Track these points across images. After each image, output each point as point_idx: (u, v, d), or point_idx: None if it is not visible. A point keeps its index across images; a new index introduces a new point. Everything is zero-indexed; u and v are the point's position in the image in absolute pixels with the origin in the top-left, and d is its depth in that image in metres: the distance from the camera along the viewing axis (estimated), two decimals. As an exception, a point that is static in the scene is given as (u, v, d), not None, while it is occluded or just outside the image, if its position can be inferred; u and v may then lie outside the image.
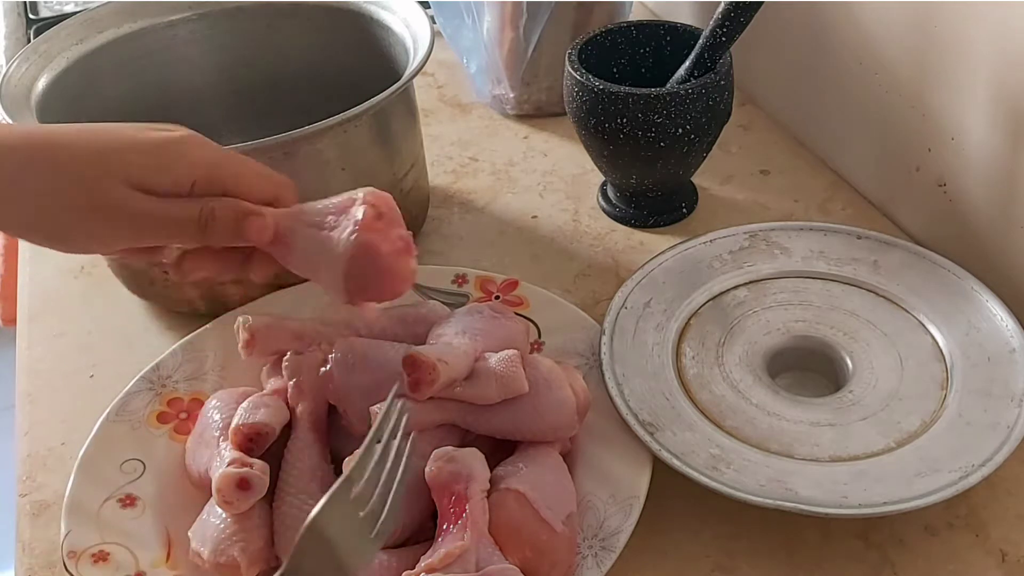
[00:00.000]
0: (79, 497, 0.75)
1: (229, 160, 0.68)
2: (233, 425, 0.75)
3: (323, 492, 0.72)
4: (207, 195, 0.66)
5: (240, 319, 0.81)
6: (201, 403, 0.81)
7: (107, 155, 0.64)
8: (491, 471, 0.72)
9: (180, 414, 0.82)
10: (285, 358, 0.80)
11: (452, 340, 0.77)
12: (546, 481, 0.71)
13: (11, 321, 0.97)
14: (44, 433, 0.86)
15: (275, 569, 0.71)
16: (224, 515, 0.71)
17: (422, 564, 0.65)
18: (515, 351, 0.74)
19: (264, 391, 0.79)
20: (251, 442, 0.74)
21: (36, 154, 0.64)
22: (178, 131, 0.67)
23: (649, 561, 0.73)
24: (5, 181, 0.64)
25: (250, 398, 0.77)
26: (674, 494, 0.75)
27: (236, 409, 0.77)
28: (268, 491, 0.73)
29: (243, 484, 0.70)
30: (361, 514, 0.61)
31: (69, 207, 0.64)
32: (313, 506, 0.70)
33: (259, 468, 0.71)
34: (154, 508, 0.75)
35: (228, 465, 0.71)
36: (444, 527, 0.67)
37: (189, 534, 0.72)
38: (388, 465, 0.62)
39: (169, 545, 0.72)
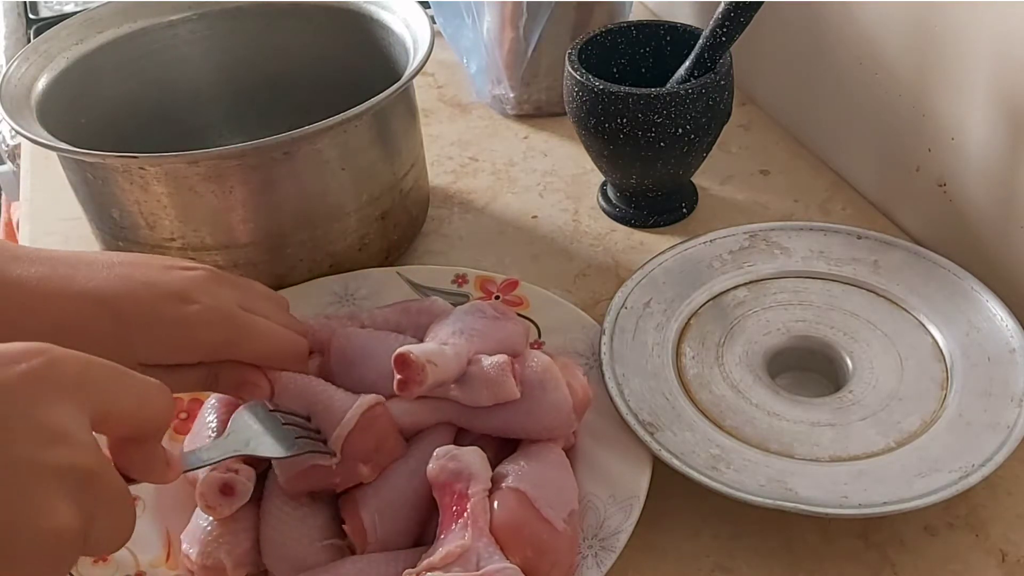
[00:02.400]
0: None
1: (241, 339, 0.70)
2: None
3: (314, 501, 0.72)
4: (218, 361, 0.70)
5: None
6: (201, 403, 0.81)
7: (123, 340, 0.66)
8: (494, 468, 0.72)
9: (180, 414, 0.82)
10: None
11: (448, 340, 0.77)
12: (547, 479, 0.71)
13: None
14: (44, 433, 0.85)
15: (262, 574, 0.71)
16: (211, 517, 0.71)
17: (423, 563, 0.65)
18: (506, 358, 0.74)
19: None
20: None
21: (55, 334, 0.62)
22: (197, 304, 0.68)
23: (649, 561, 0.73)
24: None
25: None
26: (674, 494, 0.75)
27: (232, 410, 0.77)
28: (257, 494, 0.73)
29: (226, 489, 0.70)
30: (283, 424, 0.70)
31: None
32: (301, 511, 0.71)
33: (244, 473, 0.71)
34: (154, 508, 0.75)
35: (213, 469, 0.71)
36: (445, 526, 0.67)
37: (182, 536, 0.72)
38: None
39: (169, 545, 0.73)
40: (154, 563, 0.72)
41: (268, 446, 0.68)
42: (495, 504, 0.68)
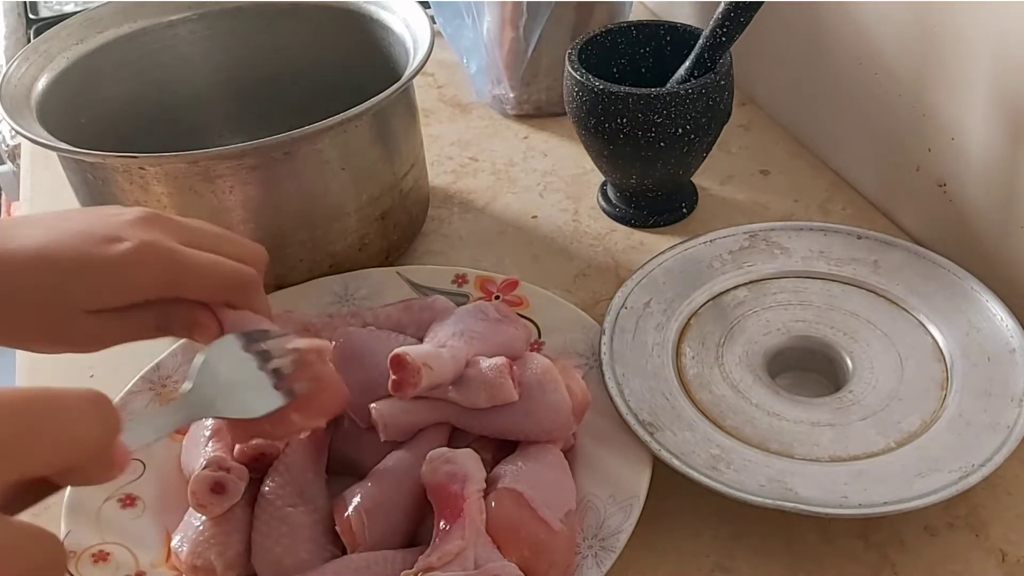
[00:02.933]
0: (79, 497, 0.75)
1: (176, 272, 0.67)
2: (238, 447, 0.75)
3: (307, 504, 0.72)
4: (161, 302, 0.68)
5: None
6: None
7: (61, 286, 0.65)
8: (493, 469, 0.72)
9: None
10: None
11: (447, 342, 0.77)
12: (544, 479, 0.71)
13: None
14: (44, 433, 0.85)
15: None
16: (204, 517, 0.71)
17: (420, 563, 0.65)
18: (504, 360, 0.74)
19: None
20: (256, 461, 0.74)
21: (8, 278, 0.65)
22: (127, 243, 0.66)
23: (649, 561, 0.73)
24: None
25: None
26: (674, 494, 0.75)
27: None
28: (251, 496, 0.73)
29: (217, 488, 0.70)
30: (268, 366, 0.65)
31: (31, 337, 0.68)
32: (294, 516, 0.71)
33: (236, 472, 0.71)
34: (154, 508, 0.75)
35: (204, 467, 0.71)
36: (441, 527, 0.67)
37: (172, 534, 0.72)
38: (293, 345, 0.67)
39: (169, 545, 0.72)
40: (154, 563, 0.72)
41: (238, 404, 0.64)
42: (492, 504, 0.69)
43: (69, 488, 0.75)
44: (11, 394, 0.48)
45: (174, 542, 0.71)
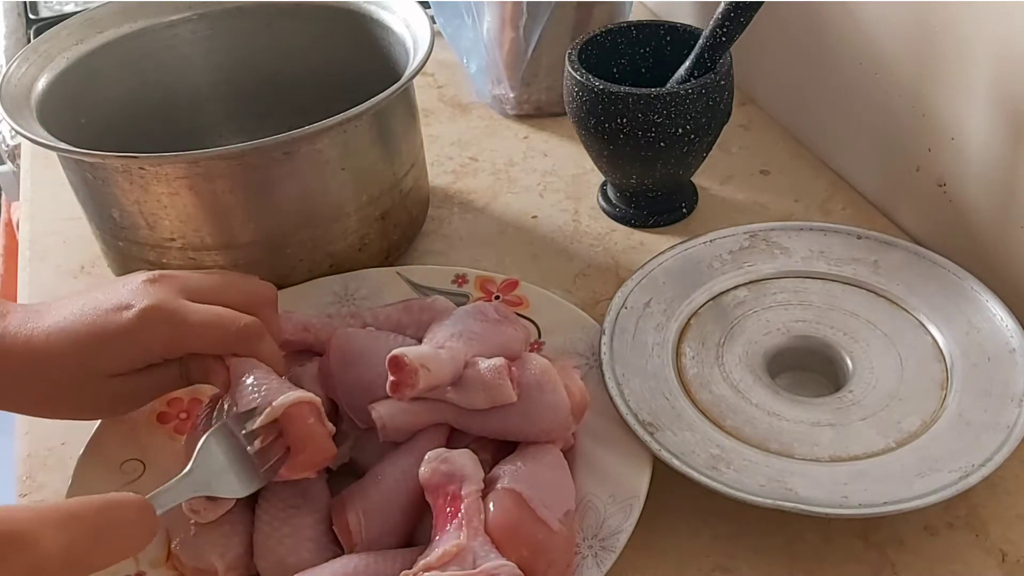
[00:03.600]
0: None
1: (181, 332, 0.72)
2: None
3: (308, 503, 0.72)
4: (176, 356, 0.73)
5: None
6: (201, 403, 0.81)
7: (82, 360, 0.71)
8: (492, 469, 0.72)
9: (180, 414, 0.82)
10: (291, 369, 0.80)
11: (445, 343, 0.77)
12: (543, 479, 0.71)
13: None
14: (44, 433, 0.86)
15: None
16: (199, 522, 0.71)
17: (419, 563, 0.65)
18: (503, 361, 0.74)
19: None
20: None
21: (26, 368, 0.71)
22: (134, 309, 0.71)
23: (649, 561, 0.73)
24: (9, 382, 0.72)
25: None
26: (674, 494, 0.75)
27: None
28: (252, 499, 0.73)
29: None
30: (250, 449, 0.69)
31: (67, 400, 0.74)
32: (296, 516, 0.71)
33: None
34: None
35: None
36: (440, 527, 0.67)
37: (173, 535, 0.72)
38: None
39: (169, 545, 0.72)
40: (154, 563, 0.72)
41: (228, 484, 0.68)
42: (490, 504, 0.68)
43: (69, 488, 0.76)
44: (79, 507, 0.56)
45: (175, 543, 0.71)
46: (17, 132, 0.85)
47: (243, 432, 0.69)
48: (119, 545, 0.57)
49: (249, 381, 0.71)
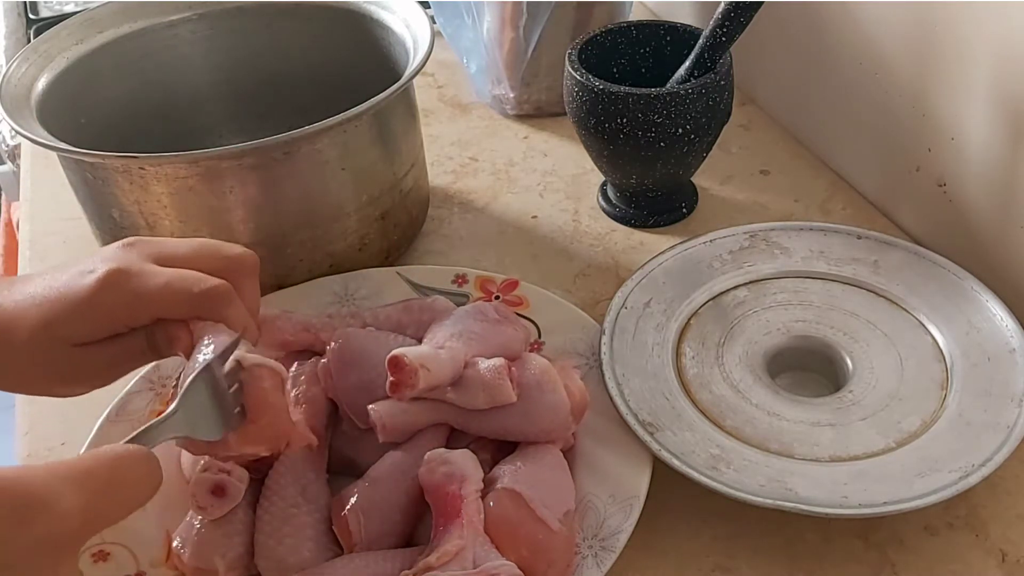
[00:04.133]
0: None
1: (141, 299, 0.69)
2: None
3: (309, 503, 0.72)
4: (141, 324, 0.70)
5: None
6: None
7: (46, 329, 0.68)
8: (492, 469, 0.72)
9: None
10: (292, 369, 0.80)
11: (445, 343, 0.77)
12: (543, 479, 0.71)
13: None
14: (44, 433, 0.86)
15: None
16: (206, 519, 0.71)
17: (419, 563, 0.65)
18: (503, 362, 0.74)
19: None
20: (257, 463, 0.74)
21: (1, 336, 0.68)
22: (93, 275, 0.68)
23: (649, 561, 0.73)
24: None
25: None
26: (674, 494, 0.75)
27: None
28: (252, 498, 0.73)
29: (218, 490, 0.70)
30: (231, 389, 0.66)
31: (34, 379, 0.71)
32: (297, 516, 0.71)
33: (236, 475, 0.71)
34: (154, 508, 0.74)
35: (205, 470, 0.71)
36: (439, 527, 0.67)
37: (173, 534, 0.72)
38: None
39: (169, 545, 0.72)
40: (154, 562, 0.72)
41: (208, 426, 0.65)
42: (490, 505, 0.69)
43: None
44: (93, 464, 0.56)
45: (175, 543, 0.71)
46: (17, 132, 0.85)
47: (229, 370, 0.66)
48: (130, 498, 0.57)
49: (206, 342, 0.67)
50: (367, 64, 1.01)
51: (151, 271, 0.69)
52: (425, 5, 1.05)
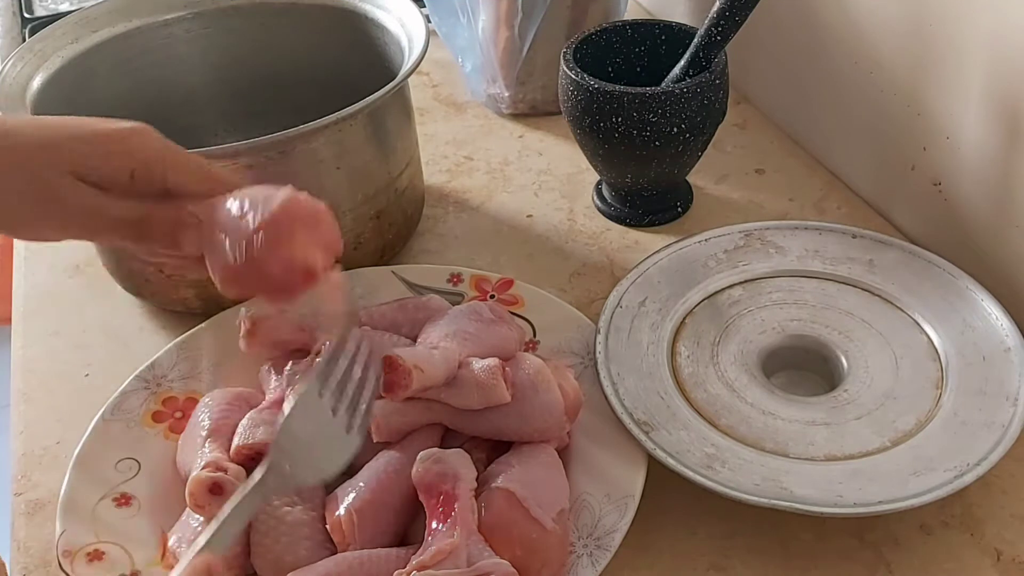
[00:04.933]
0: (74, 496, 0.75)
1: (168, 154, 0.68)
2: (234, 445, 0.75)
3: (304, 502, 0.72)
4: (147, 190, 0.67)
5: (243, 310, 0.81)
6: (196, 402, 0.81)
7: (52, 145, 0.65)
8: (486, 468, 0.72)
9: (175, 413, 0.82)
10: (287, 368, 0.80)
11: (439, 343, 0.77)
12: (537, 479, 0.71)
13: (6, 320, 0.97)
14: (39, 432, 0.86)
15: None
16: (202, 518, 0.71)
17: (413, 562, 0.65)
18: (497, 362, 0.74)
19: (263, 404, 0.79)
20: (252, 461, 0.74)
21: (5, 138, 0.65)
22: (129, 124, 0.67)
23: (644, 560, 0.73)
24: None
25: (249, 414, 0.77)
26: (669, 493, 0.75)
27: (225, 410, 0.78)
28: None
29: (215, 489, 0.70)
30: (335, 414, 0.64)
31: (15, 196, 0.65)
32: (293, 515, 0.71)
33: (233, 473, 0.71)
34: (149, 507, 0.75)
35: (202, 468, 0.71)
36: (433, 526, 0.67)
37: (169, 533, 0.72)
38: (358, 367, 0.66)
39: (164, 545, 0.72)
40: (149, 562, 0.72)
41: (312, 467, 0.64)
42: (484, 504, 0.69)
43: (64, 487, 0.75)
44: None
45: (171, 542, 0.71)
46: (12, 131, 0.85)
47: (330, 389, 0.64)
48: None
49: (240, 201, 0.64)
50: (362, 63, 1.01)
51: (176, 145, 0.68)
52: (420, 4, 1.05)
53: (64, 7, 1.56)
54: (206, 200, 0.66)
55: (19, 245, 1.08)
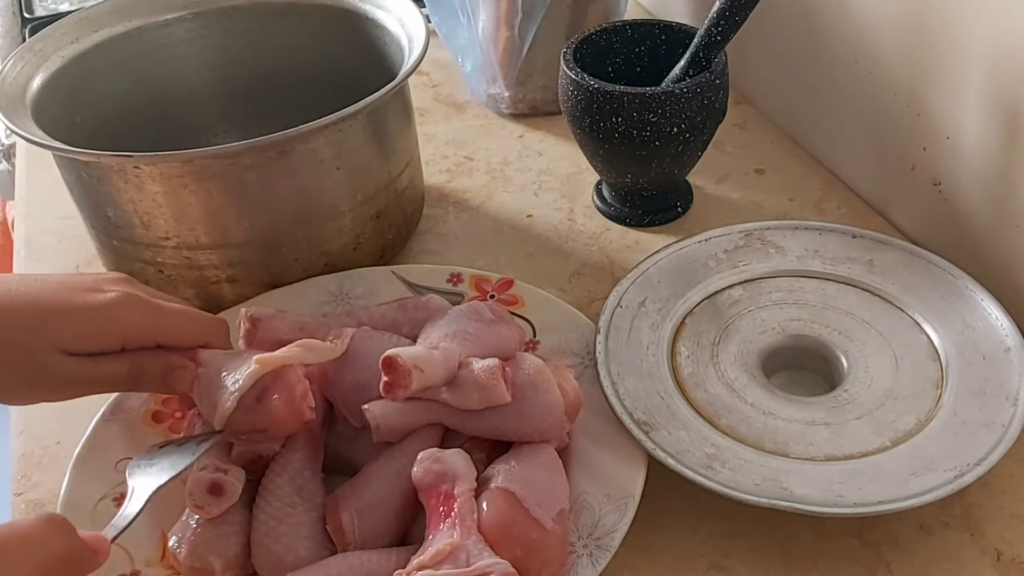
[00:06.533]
0: (74, 496, 0.75)
1: (157, 318, 0.72)
2: (235, 449, 0.75)
3: (305, 502, 0.72)
4: (137, 350, 0.72)
5: (243, 310, 0.81)
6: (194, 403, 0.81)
7: (39, 330, 0.69)
8: (486, 468, 0.72)
9: (175, 413, 0.82)
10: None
11: (439, 343, 0.77)
12: (536, 479, 0.71)
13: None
14: (39, 432, 0.86)
15: None
16: (202, 518, 0.71)
17: (413, 562, 0.65)
18: (497, 362, 0.74)
19: None
20: (253, 463, 0.74)
21: None
22: (111, 292, 0.71)
23: (644, 560, 0.73)
24: None
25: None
26: (669, 493, 0.75)
27: None
28: (249, 498, 0.73)
29: (215, 489, 0.71)
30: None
31: (4, 368, 0.70)
32: (293, 515, 0.71)
33: (233, 474, 0.71)
34: (149, 507, 0.75)
35: (202, 469, 0.71)
36: (433, 526, 0.67)
37: (168, 533, 0.72)
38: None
39: (164, 544, 0.72)
40: (149, 562, 0.72)
41: (172, 466, 0.71)
42: (484, 504, 0.69)
43: (64, 487, 0.76)
44: None
45: (171, 543, 0.71)
46: (12, 131, 0.85)
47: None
48: (32, 565, 0.58)
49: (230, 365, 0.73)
50: (362, 63, 1.01)
51: (160, 299, 0.74)
52: (420, 4, 1.05)
53: (64, 7, 1.56)
54: (196, 350, 0.74)
55: (19, 245, 1.08)
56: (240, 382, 0.70)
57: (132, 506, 0.68)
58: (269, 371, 0.70)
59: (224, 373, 0.72)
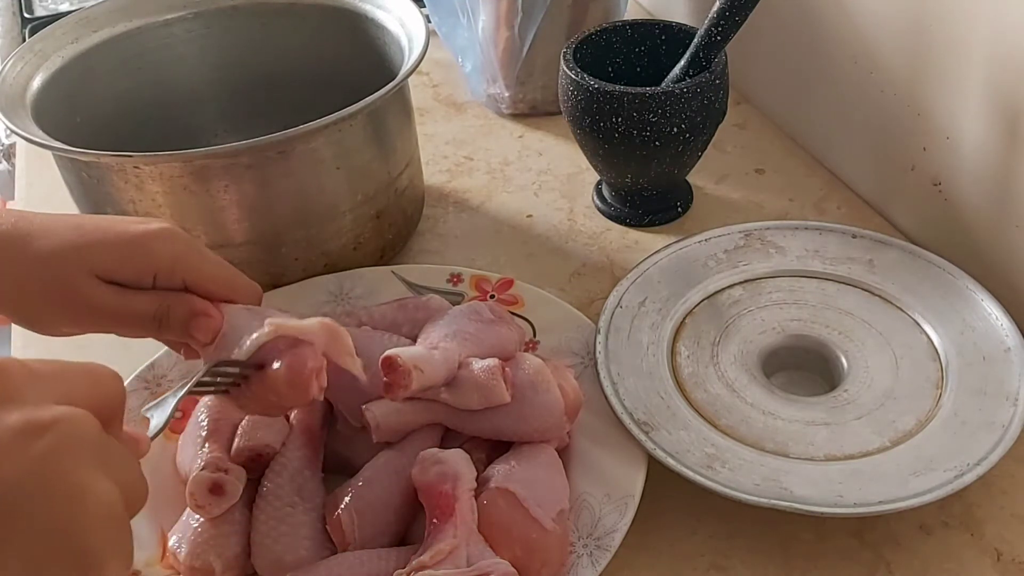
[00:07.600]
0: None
1: (192, 255, 0.71)
2: (235, 447, 0.75)
3: (305, 502, 0.72)
4: (168, 288, 0.70)
5: None
6: (196, 402, 0.81)
7: (75, 248, 0.68)
8: (486, 468, 0.72)
9: (175, 413, 0.82)
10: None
11: (439, 343, 0.77)
12: (536, 479, 0.71)
13: (5, 320, 0.97)
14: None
15: None
16: (202, 518, 0.71)
17: (413, 562, 0.65)
18: (497, 362, 0.74)
19: None
20: (253, 462, 0.74)
21: (15, 242, 0.68)
22: (155, 224, 0.70)
23: (644, 560, 0.73)
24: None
25: (249, 415, 0.77)
26: (669, 493, 0.75)
27: (225, 410, 0.77)
28: (249, 498, 0.73)
29: (216, 489, 0.71)
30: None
31: (38, 294, 0.69)
32: (293, 515, 0.71)
33: (234, 473, 0.71)
34: (149, 507, 0.73)
35: (203, 469, 0.71)
36: (433, 527, 0.67)
37: (169, 533, 0.72)
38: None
39: (164, 544, 0.72)
40: (149, 562, 0.72)
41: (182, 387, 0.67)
42: (484, 504, 0.69)
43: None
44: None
45: (171, 543, 0.71)
46: (12, 131, 0.85)
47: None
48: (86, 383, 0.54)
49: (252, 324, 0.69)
50: (362, 63, 1.01)
51: (203, 247, 0.72)
52: (420, 4, 1.05)
53: (64, 7, 1.56)
54: (222, 304, 0.71)
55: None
56: (248, 343, 0.68)
57: (158, 417, 0.65)
58: (284, 337, 0.67)
59: (240, 331, 0.69)
